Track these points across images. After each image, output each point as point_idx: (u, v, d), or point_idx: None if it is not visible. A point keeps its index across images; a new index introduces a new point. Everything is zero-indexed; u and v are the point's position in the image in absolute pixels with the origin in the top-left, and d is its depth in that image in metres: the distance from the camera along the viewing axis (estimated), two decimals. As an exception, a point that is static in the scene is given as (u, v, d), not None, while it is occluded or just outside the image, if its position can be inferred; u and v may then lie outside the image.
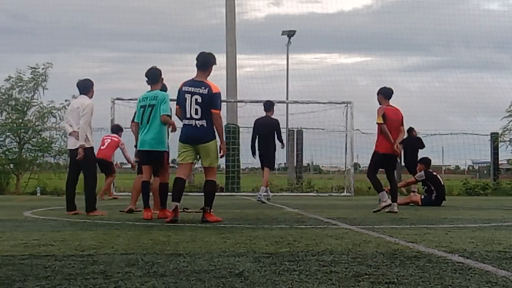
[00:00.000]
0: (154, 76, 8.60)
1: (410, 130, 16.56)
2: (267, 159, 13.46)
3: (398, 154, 10.24)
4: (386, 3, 38.01)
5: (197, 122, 7.74)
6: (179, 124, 8.26)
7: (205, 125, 7.76)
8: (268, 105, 13.70)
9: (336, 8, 67.67)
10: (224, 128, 8.26)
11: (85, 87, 9.47)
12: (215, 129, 7.85)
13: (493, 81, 31.24)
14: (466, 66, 39.51)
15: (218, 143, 7.93)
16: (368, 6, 46.76)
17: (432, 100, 31.12)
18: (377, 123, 10.13)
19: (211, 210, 7.87)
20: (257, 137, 13.50)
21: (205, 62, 7.97)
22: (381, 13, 36.44)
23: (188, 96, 7.78)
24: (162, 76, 8.76)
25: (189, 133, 7.79)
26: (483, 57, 34.52)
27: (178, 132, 8.45)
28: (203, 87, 7.79)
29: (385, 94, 10.28)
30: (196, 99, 7.74)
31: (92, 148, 9.39)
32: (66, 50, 36.52)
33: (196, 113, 7.75)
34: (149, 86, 8.62)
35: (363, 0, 49.00)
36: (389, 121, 9.99)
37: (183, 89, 7.87)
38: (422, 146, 16.15)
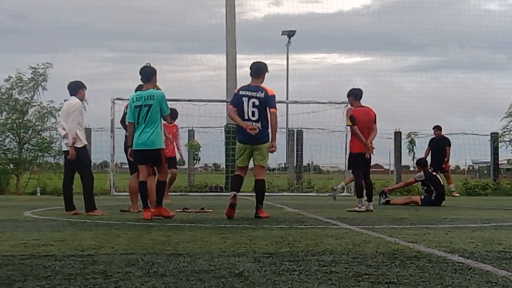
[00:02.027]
0: (148, 75, 8.59)
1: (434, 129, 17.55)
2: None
3: (370, 152, 10.42)
4: (386, 3, 38.02)
5: (254, 124, 8.52)
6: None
7: (261, 127, 8.54)
8: None
9: (335, 8, 67.65)
10: (230, 129, 8.83)
11: (75, 88, 9.47)
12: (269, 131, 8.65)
13: (492, 82, 31.19)
14: (466, 66, 39.53)
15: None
16: (367, 6, 46.75)
17: (432, 101, 31.15)
18: (347, 125, 10.57)
19: (262, 206, 8.59)
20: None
21: (258, 70, 8.85)
22: (381, 13, 36.42)
23: (245, 99, 8.59)
24: (158, 76, 8.79)
25: (247, 134, 8.51)
26: (483, 57, 34.54)
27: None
28: (259, 91, 8.60)
29: (355, 95, 10.54)
30: (253, 102, 8.54)
31: (84, 147, 9.35)
32: (66, 50, 36.51)
33: (253, 115, 8.53)
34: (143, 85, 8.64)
35: (363, 0, 48.97)
36: (360, 122, 10.22)
37: (240, 93, 8.71)
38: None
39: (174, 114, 14.00)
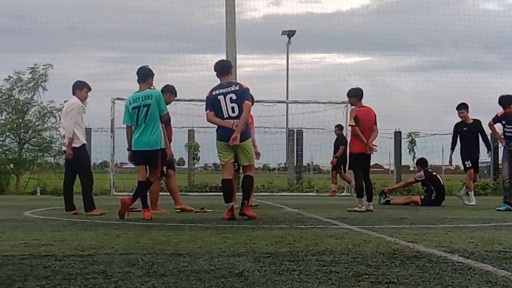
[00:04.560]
0: (144, 75, 8.58)
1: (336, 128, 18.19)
2: (475, 162, 13.23)
3: (371, 152, 10.42)
4: (384, 3, 37.91)
5: (234, 121, 8.14)
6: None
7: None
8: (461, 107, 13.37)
9: (334, 7, 67.63)
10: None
11: (75, 87, 9.46)
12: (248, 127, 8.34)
13: (491, 81, 31.19)
14: (464, 66, 39.45)
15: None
16: (366, 6, 46.67)
17: (431, 101, 31.12)
18: (349, 125, 10.49)
19: (249, 204, 8.38)
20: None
21: (223, 68, 8.54)
22: (380, 13, 36.40)
23: (221, 97, 8.22)
24: (155, 77, 8.82)
25: (228, 132, 8.12)
26: (478, 57, 34.55)
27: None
28: (233, 85, 8.32)
29: (357, 95, 10.51)
30: (230, 97, 8.20)
31: (83, 146, 9.32)
32: (65, 50, 36.39)
33: (233, 111, 8.15)
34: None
35: (361, -1, 48.85)
36: (362, 122, 10.22)
37: (214, 93, 8.31)
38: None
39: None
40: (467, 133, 13.16)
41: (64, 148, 9.48)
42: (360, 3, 50.16)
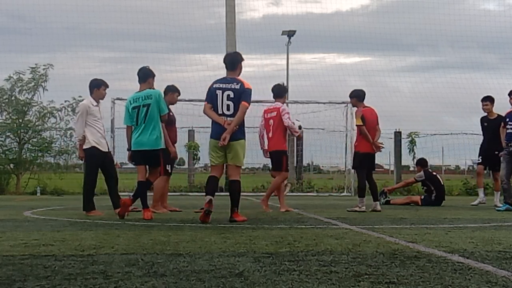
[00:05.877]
0: (145, 76, 8.59)
1: None
2: (493, 160, 12.26)
3: (379, 151, 10.52)
4: (384, 3, 37.87)
5: (228, 119, 7.76)
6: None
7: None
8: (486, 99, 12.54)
9: (334, 8, 67.52)
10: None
11: (91, 86, 9.45)
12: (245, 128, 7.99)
13: (492, 81, 31.18)
14: (465, 66, 39.44)
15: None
16: (366, 6, 46.58)
17: (431, 101, 31.11)
18: (356, 125, 10.50)
19: (238, 209, 7.91)
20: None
21: (232, 61, 8.10)
22: (379, 13, 36.34)
23: (219, 92, 7.83)
24: (156, 78, 8.83)
25: (220, 130, 7.78)
26: (478, 57, 34.54)
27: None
28: (235, 83, 7.84)
29: (358, 96, 10.52)
30: (228, 95, 7.79)
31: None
32: (65, 50, 36.35)
33: (228, 109, 7.77)
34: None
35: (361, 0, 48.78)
36: (367, 122, 10.26)
37: (214, 86, 7.93)
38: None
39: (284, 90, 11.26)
40: (486, 128, 12.48)
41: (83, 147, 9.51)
42: (359, 3, 50.02)
